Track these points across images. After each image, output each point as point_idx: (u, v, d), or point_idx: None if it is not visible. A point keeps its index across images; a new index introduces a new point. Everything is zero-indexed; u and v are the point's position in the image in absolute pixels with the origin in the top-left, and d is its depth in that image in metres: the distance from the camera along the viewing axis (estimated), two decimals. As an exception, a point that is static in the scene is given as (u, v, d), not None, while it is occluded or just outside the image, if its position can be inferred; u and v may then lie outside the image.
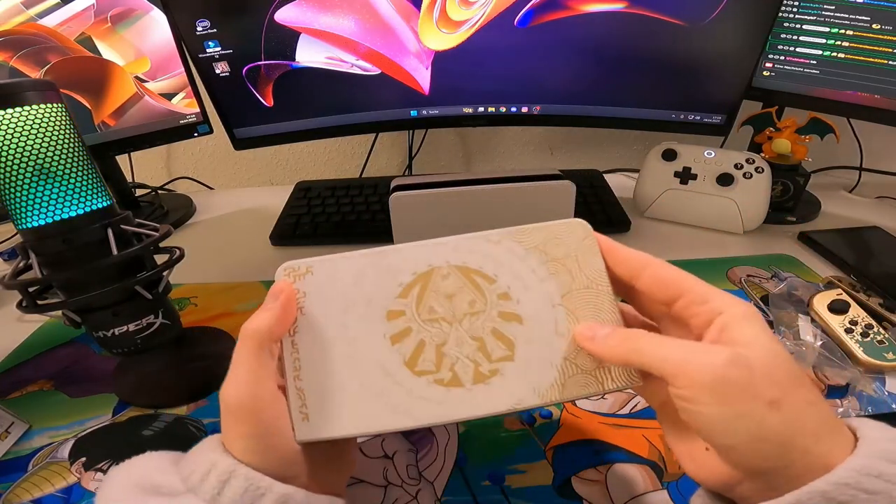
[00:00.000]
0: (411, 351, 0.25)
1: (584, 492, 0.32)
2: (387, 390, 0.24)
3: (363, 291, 0.26)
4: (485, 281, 0.26)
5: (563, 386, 0.24)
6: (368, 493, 0.33)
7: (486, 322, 0.25)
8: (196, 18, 0.56)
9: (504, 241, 0.26)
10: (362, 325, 0.25)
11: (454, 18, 0.57)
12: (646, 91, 0.61)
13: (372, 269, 0.26)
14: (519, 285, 0.26)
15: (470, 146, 0.92)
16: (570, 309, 0.25)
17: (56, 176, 0.32)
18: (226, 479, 0.21)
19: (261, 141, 0.66)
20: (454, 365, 0.25)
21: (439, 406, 0.24)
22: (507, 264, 0.26)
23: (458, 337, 0.25)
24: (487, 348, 0.25)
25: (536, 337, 0.25)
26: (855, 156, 0.74)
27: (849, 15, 0.56)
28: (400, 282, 0.26)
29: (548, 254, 0.26)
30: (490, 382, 0.24)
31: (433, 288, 0.26)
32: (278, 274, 0.26)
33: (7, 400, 0.42)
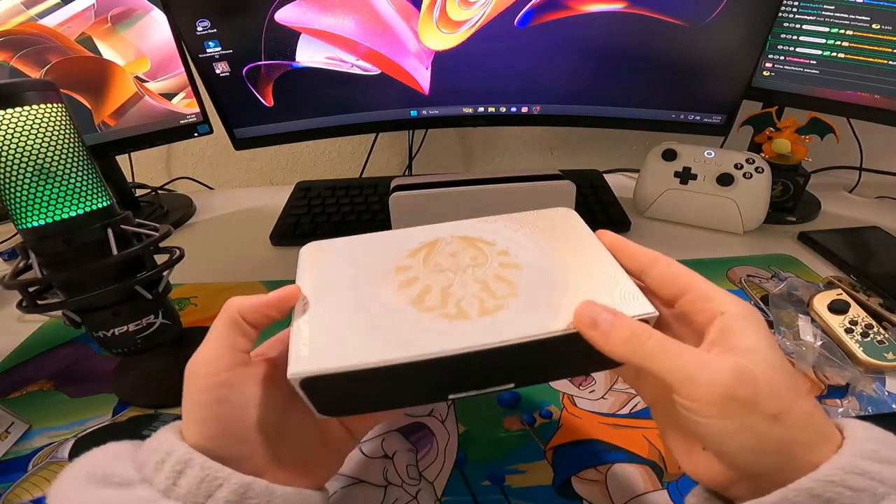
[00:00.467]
0: (417, 293, 0.25)
1: (584, 492, 0.32)
2: (391, 325, 0.24)
3: (373, 255, 0.28)
4: (485, 244, 0.29)
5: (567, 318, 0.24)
6: (368, 493, 0.33)
7: (489, 270, 0.27)
8: (196, 18, 0.56)
9: (498, 220, 0.31)
10: (371, 276, 0.27)
11: (454, 18, 0.57)
12: (646, 91, 0.61)
13: (383, 241, 0.30)
14: (515, 246, 0.29)
15: (470, 146, 0.92)
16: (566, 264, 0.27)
17: (56, 176, 0.32)
18: (181, 468, 0.20)
19: (261, 141, 0.66)
20: (460, 302, 0.25)
21: (444, 336, 0.23)
22: (503, 233, 0.30)
23: (463, 281, 0.26)
24: (491, 288, 0.26)
25: (537, 279, 0.26)
26: (855, 156, 0.74)
27: (849, 15, 0.56)
28: (408, 247, 0.29)
29: (538, 226, 0.30)
30: (495, 315, 0.24)
31: (438, 250, 0.29)
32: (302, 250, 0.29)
33: (7, 400, 0.42)
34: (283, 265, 0.59)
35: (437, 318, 0.24)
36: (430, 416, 0.38)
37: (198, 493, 0.20)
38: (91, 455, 0.22)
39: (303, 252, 0.29)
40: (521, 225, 0.30)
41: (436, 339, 0.23)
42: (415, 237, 0.29)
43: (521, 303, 0.25)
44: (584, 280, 0.26)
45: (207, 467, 0.20)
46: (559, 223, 0.30)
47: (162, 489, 0.20)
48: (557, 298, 0.24)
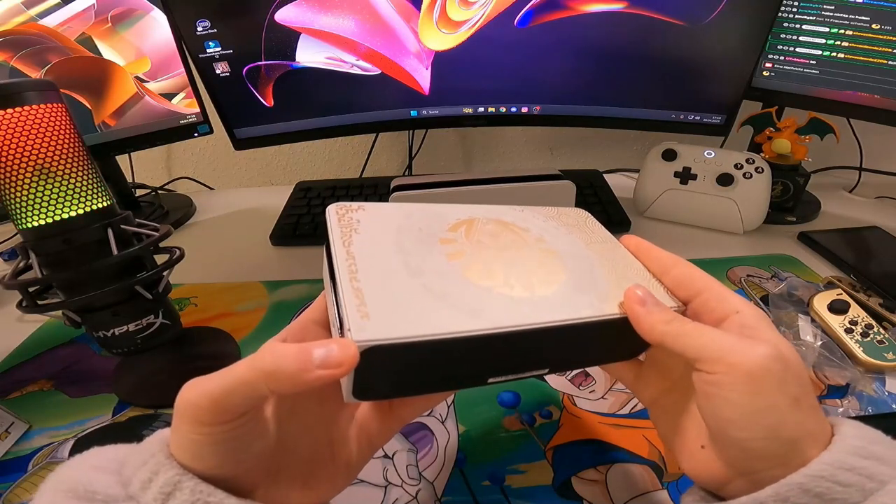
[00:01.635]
0: (469, 266, 0.24)
1: (584, 492, 0.32)
2: (452, 293, 0.22)
3: (414, 223, 0.26)
4: (520, 230, 0.29)
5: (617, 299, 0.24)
6: (368, 493, 0.33)
7: (531, 253, 0.27)
8: (196, 18, 0.56)
9: (526, 210, 0.31)
10: (417, 242, 0.25)
11: (454, 18, 0.57)
12: (646, 91, 0.61)
13: (419, 211, 0.28)
14: (549, 235, 0.29)
15: (470, 146, 0.92)
16: (598, 253, 0.28)
17: (56, 176, 0.32)
18: (170, 490, 0.19)
19: (261, 141, 0.66)
20: (512, 278, 0.24)
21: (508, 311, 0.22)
22: (535, 222, 0.30)
23: (510, 259, 0.25)
24: (539, 269, 0.25)
25: (578, 269, 0.26)
26: (855, 156, 0.74)
27: (848, 15, 0.56)
28: (448, 221, 0.28)
29: (563, 221, 0.31)
30: (552, 294, 0.24)
31: (478, 226, 0.28)
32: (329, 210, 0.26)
33: (7, 400, 0.42)
34: (283, 265, 0.59)
35: (496, 291, 0.23)
36: (430, 416, 0.38)
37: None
38: (73, 466, 0.21)
39: (332, 210, 0.26)
40: (547, 217, 0.30)
41: (507, 312, 0.21)
42: (450, 212, 0.28)
43: (571, 284, 0.25)
44: (617, 272, 0.26)
45: (199, 491, 0.19)
46: (581, 222, 0.31)
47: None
48: (602, 284, 0.25)
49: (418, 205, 0.28)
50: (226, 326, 0.48)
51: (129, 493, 0.19)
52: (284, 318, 0.49)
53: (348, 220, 0.25)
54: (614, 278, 0.26)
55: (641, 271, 0.27)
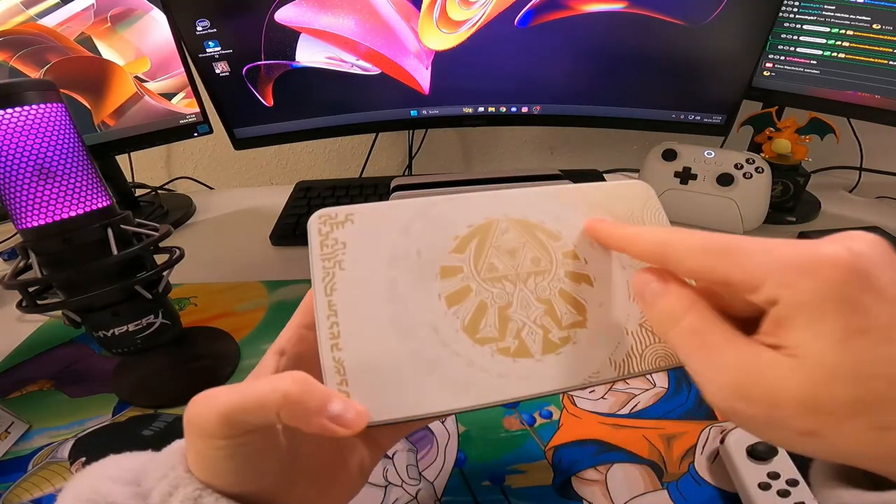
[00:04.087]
0: (471, 314, 0.21)
1: (584, 492, 0.32)
2: (443, 361, 0.20)
3: (412, 241, 0.22)
4: (548, 237, 0.23)
5: (640, 356, 0.21)
6: (368, 493, 0.33)
7: (554, 282, 0.22)
8: (196, 18, 0.56)
9: (561, 196, 0.24)
10: (412, 281, 0.21)
11: (454, 18, 0.57)
12: (646, 91, 0.61)
13: (421, 218, 0.23)
14: (585, 243, 0.23)
15: (470, 146, 0.92)
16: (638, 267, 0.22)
17: (56, 176, 0.32)
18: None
19: (261, 141, 0.66)
20: (521, 331, 0.21)
21: (505, 381, 0.20)
22: (569, 221, 0.23)
23: (524, 299, 0.22)
24: (557, 312, 0.22)
25: (609, 300, 0.22)
26: (855, 156, 0.74)
27: (849, 15, 0.56)
28: (455, 234, 0.22)
29: (612, 213, 0.24)
30: (561, 352, 0.21)
31: (492, 242, 0.23)
32: (311, 223, 0.22)
33: (7, 400, 0.42)
34: (284, 265, 0.59)
35: (496, 354, 0.21)
36: (430, 416, 0.38)
37: None
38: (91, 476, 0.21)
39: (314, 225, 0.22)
40: (591, 205, 0.24)
41: (495, 384, 0.20)
42: (461, 214, 0.23)
43: (591, 333, 0.21)
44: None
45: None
46: (636, 209, 0.24)
47: None
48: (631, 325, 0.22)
49: (421, 205, 0.23)
50: (226, 326, 0.48)
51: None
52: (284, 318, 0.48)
53: (332, 242, 0.22)
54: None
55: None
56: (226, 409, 0.18)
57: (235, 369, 0.43)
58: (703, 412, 0.37)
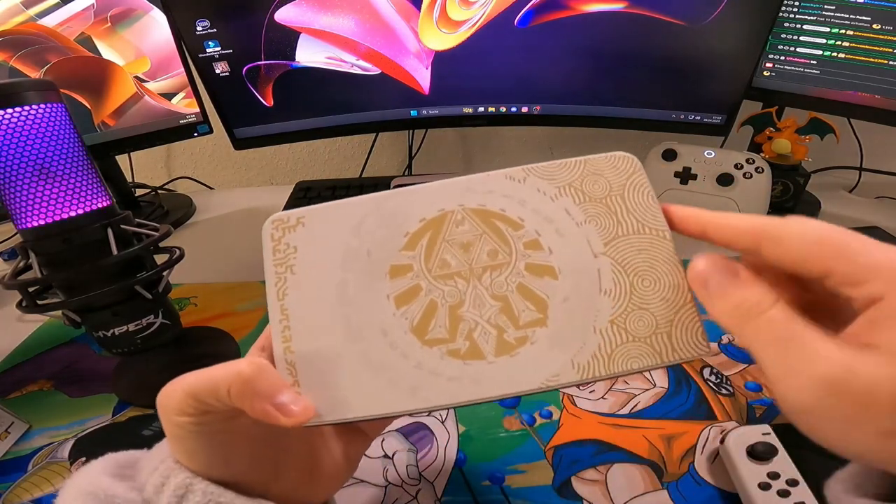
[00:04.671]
0: (420, 315, 0.20)
1: (584, 492, 0.32)
2: (391, 364, 0.20)
3: (362, 242, 0.21)
4: (508, 226, 0.21)
5: (608, 357, 0.19)
6: (368, 493, 0.33)
7: (512, 277, 0.20)
8: (196, 18, 0.56)
9: (530, 177, 0.22)
10: (362, 282, 0.21)
11: (454, 18, 0.57)
12: (646, 91, 0.61)
13: (373, 215, 0.22)
14: (550, 231, 0.21)
15: (470, 146, 0.92)
16: (616, 260, 0.20)
17: (56, 176, 0.32)
18: (182, 492, 0.20)
19: (261, 141, 0.66)
20: (472, 332, 0.20)
21: (455, 384, 0.19)
22: (535, 205, 0.21)
23: (477, 296, 0.20)
24: (513, 310, 0.20)
25: (575, 294, 0.20)
26: (855, 156, 0.74)
27: (849, 15, 0.56)
28: (406, 230, 0.21)
29: (585, 193, 0.21)
30: (517, 353, 0.20)
31: (445, 236, 0.21)
32: (264, 229, 0.22)
33: (7, 400, 0.42)
34: (283, 265, 0.59)
35: (446, 356, 0.20)
36: (430, 416, 0.38)
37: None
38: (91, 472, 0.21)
39: (266, 231, 0.22)
40: (561, 188, 0.21)
41: (443, 387, 0.19)
42: (415, 208, 0.22)
43: (552, 332, 0.20)
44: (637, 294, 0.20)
45: (209, 492, 0.20)
46: (616, 185, 0.21)
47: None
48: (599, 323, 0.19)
49: (373, 201, 0.22)
50: (226, 326, 0.48)
51: (145, 498, 0.20)
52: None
53: (284, 247, 0.22)
54: (623, 308, 0.20)
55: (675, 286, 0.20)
56: (189, 388, 0.19)
57: (235, 369, 0.43)
58: (703, 412, 0.37)
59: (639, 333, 0.19)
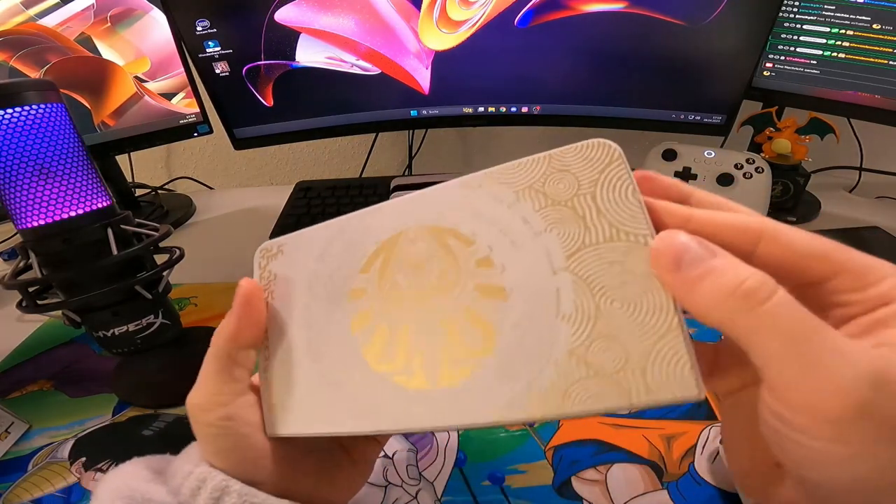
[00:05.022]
0: (371, 339, 0.20)
1: (584, 492, 0.32)
2: (346, 385, 0.20)
3: (326, 266, 0.22)
4: (459, 243, 0.19)
5: (563, 395, 0.16)
6: (368, 493, 0.33)
7: (460, 299, 0.18)
8: (196, 18, 0.56)
9: (486, 184, 0.19)
10: (324, 306, 0.21)
11: (454, 18, 0.57)
12: (646, 91, 0.61)
13: (338, 239, 0.22)
14: (505, 245, 0.18)
15: (470, 146, 0.92)
16: (580, 276, 0.16)
17: (56, 176, 0.32)
18: (218, 495, 0.20)
19: (261, 141, 0.66)
20: (417, 359, 0.19)
21: (400, 411, 0.19)
22: (490, 217, 0.18)
23: (424, 321, 0.19)
24: (459, 337, 0.18)
25: (526, 319, 0.17)
26: (855, 156, 0.74)
27: (849, 15, 0.56)
28: (364, 252, 0.21)
29: (548, 195, 0.18)
30: (460, 385, 0.18)
31: (399, 256, 0.20)
32: (255, 258, 0.24)
33: (7, 400, 0.42)
34: (283, 265, 0.59)
35: (393, 382, 0.19)
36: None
37: None
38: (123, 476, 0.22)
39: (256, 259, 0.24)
40: (519, 191, 0.18)
41: (392, 413, 0.19)
42: (372, 232, 0.21)
43: (499, 362, 0.17)
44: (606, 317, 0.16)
45: (245, 493, 0.21)
46: (585, 182, 0.17)
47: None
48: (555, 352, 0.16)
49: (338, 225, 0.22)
50: (226, 326, 0.48)
51: (181, 502, 0.21)
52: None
53: (267, 275, 0.24)
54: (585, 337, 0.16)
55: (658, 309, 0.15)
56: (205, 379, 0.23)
57: (235, 369, 0.43)
58: (703, 412, 0.37)
59: (604, 368, 0.15)
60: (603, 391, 0.15)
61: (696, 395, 0.14)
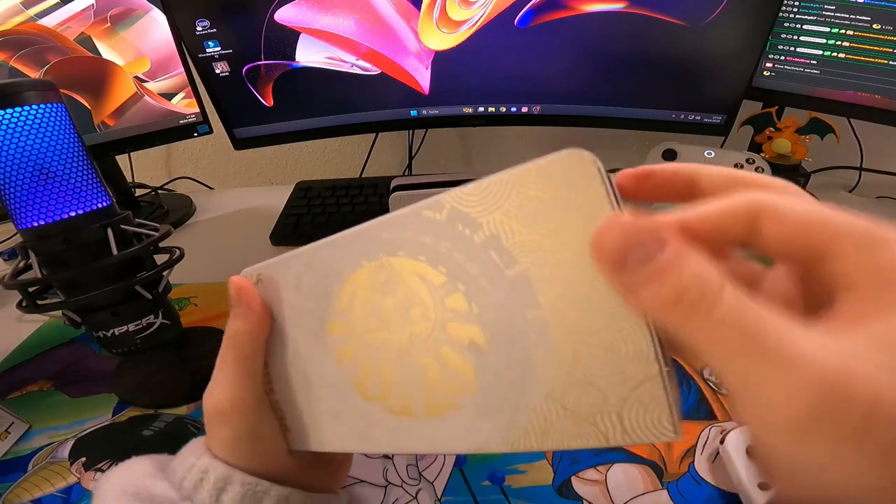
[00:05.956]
0: (357, 372, 0.20)
1: (584, 492, 0.32)
2: (344, 412, 0.21)
3: (303, 299, 0.22)
4: (429, 278, 0.18)
5: (542, 434, 0.16)
6: (368, 493, 0.33)
7: (436, 339, 0.18)
8: (196, 18, 0.56)
9: (452, 210, 0.17)
10: (309, 339, 0.22)
11: (454, 18, 0.57)
12: (646, 91, 0.61)
13: (308, 272, 0.21)
14: (476, 284, 0.17)
15: (470, 146, 0.92)
16: (557, 317, 0.15)
17: (56, 176, 0.32)
18: (222, 485, 0.21)
19: (261, 141, 0.66)
20: (402, 392, 0.19)
21: (391, 435, 0.20)
22: (457, 249, 0.17)
23: (403, 361, 0.19)
24: (439, 375, 0.18)
25: (502, 362, 0.17)
26: (855, 156, 0.74)
27: (849, 15, 0.56)
28: (335, 287, 0.21)
29: (521, 224, 0.15)
30: (446, 417, 0.18)
31: (368, 292, 0.20)
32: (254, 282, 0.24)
33: (7, 400, 0.42)
34: (283, 265, 0.59)
35: (383, 410, 0.20)
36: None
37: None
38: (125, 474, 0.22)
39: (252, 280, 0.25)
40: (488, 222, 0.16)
41: (384, 437, 0.20)
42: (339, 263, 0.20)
43: (479, 401, 0.17)
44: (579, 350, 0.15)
45: (248, 482, 0.21)
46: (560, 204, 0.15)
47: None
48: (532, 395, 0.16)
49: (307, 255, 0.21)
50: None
51: (184, 495, 0.21)
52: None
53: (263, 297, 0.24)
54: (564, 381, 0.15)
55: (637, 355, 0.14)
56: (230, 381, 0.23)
57: (235, 369, 0.43)
58: (703, 412, 0.37)
59: (581, 411, 0.15)
60: (580, 432, 0.15)
61: (673, 438, 0.14)
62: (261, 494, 0.21)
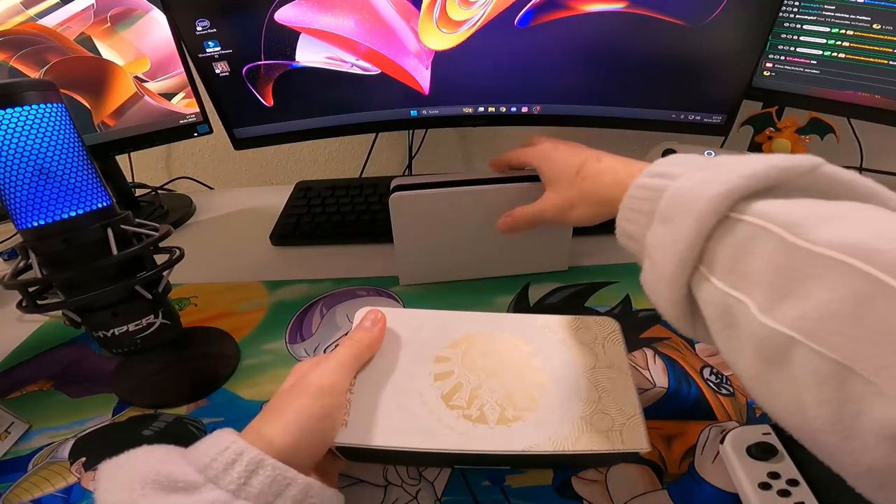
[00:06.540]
0: (449, 388, 0.30)
1: (584, 492, 0.32)
2: (420, 415, 0.29)
3: (420, 337, 0.33)
4: (521, 346, 0.33)
5: (576, 440, 0.28)
6: (368, 493, 0.33)
7: (519, 379, 0.31)
8: (196, 18, 0.56)
9: (541, 320, 0.35)
10: (414, 361, 0.31)
11: (454, 18, 0.57)
12: (646, 91, 0.61)
13: (430, 323, 0.34)
14: (549, 354, 0.32)
15: (470, 146, 0.92)
16: (593, 381, 0.31)
17: (56, 176, 0.32)
18: (253, 468, 0.22)
19: (261, 141, 0.66)
20: (483, 406, 0.29)
21: (461, 437, 0.28)
22: (542, 338, 0.34)
23: (492, 386, 0.30)
24: (515, 399, 0.30)
25: (559, 398, 0.30)
26: (855, 156, 0.74)
27: (849, 15, 0.56)
28: (453, 337, 0.33)
29: (577, 337, 0.34)
30: (511, 426, 0.28)
31: (478, 345, 0.33)
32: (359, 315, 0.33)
33: (7, 400, 0.42)
34: (284, 265, 0.59)
35: (461, 417, 0.29)
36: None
37: (269, 491, 0.22)
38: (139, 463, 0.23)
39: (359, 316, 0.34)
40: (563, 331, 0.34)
41: (454, 437, 0.28)
42: (460, 326, 0.34)
43: (539, 417, 0.29)
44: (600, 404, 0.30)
45: (278, 468, 0.23)
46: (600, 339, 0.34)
47: (232, 489, 0.22)
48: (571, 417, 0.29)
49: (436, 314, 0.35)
50: (226, 326, 0.48)
51: (208, 477, 0.22)
52: (284, 318, 0.49)
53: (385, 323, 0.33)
54: (591, 411, 0.29)
55: (630, 404, 0.30)
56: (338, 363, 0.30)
57: (235, 369, 0.43)
58: (703, 412, 0.37)
59: (600, 428, 0.28)
60: (599, 440, 0.28)
61: (647, 450, 0.28)
62: (289, 480, 0.23)
